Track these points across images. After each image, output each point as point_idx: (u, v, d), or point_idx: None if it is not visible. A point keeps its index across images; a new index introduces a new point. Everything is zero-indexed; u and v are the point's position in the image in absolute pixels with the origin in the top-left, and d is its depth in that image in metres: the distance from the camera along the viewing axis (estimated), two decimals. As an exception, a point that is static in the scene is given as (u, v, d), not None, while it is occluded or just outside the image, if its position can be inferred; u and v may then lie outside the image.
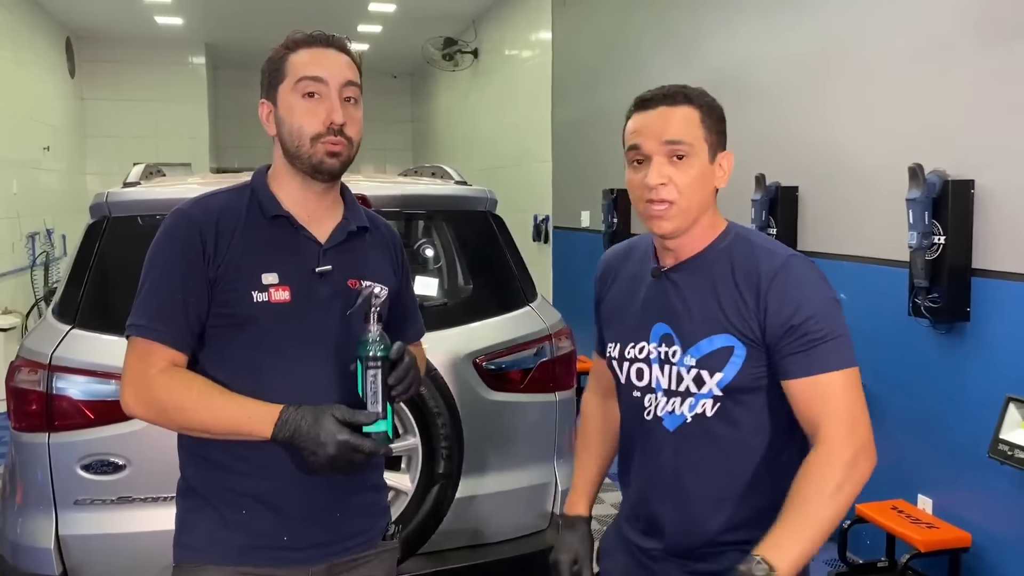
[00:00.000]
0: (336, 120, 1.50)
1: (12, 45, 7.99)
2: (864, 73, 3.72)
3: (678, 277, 1.50)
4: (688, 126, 1.43)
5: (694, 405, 1.46)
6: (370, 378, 1.45)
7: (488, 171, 9.28)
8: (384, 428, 1.46)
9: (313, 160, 1.51)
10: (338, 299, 1.55)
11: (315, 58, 1.53)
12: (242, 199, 1.57)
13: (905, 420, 3.54)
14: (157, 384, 1.46)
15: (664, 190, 1.41)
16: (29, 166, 8.32)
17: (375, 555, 1.64)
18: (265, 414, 1.43)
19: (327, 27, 1.58)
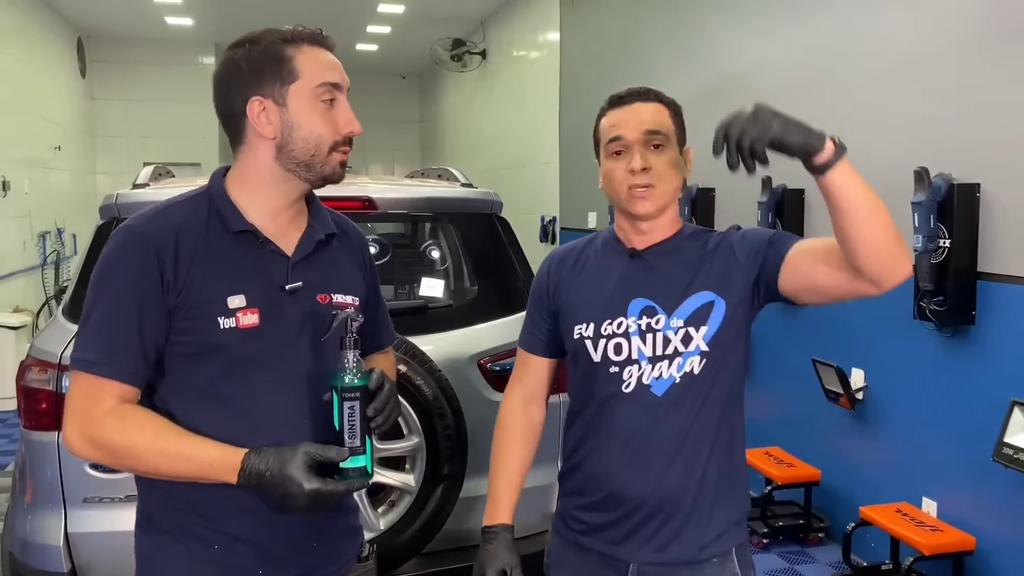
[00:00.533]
0: (356, 130, 1.44)
1: (24, 45, 8.05)
2: (870, 76, 3.72)
3: (652, 257, 1.61)
4: (662, 118, 1.60)
5: (682, 365, 1.56)
6: (347, 410, 1.36)
7: (495, 172, 9.29)
8: (363, 463, 1.37)
9: (326, 170, 1.42)
10: (310, 317, 1.44)
11: (329, 61, 1.44)
12: (201, 212, 1.42)
13: (910, 423, 3.54)
14: (105, 425, 1.32)
15: (646, 175, 1.55)
16: (40, 166, 8.38)
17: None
18: (227, 462, 1.32)
19: (337, 28, 1.55)
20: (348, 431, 1.36)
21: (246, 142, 1.43)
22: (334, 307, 1.45)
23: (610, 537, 1.60)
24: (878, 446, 3.73)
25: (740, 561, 1.60)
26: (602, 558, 1.60)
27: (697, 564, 1.56)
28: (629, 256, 1.62)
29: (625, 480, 1.57)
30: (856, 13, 3.81)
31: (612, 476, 1.58)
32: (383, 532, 2.32)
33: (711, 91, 5.01)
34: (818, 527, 3.99)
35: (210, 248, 1.38)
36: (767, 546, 3.95)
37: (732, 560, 1.59)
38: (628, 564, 1.58)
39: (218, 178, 1.46)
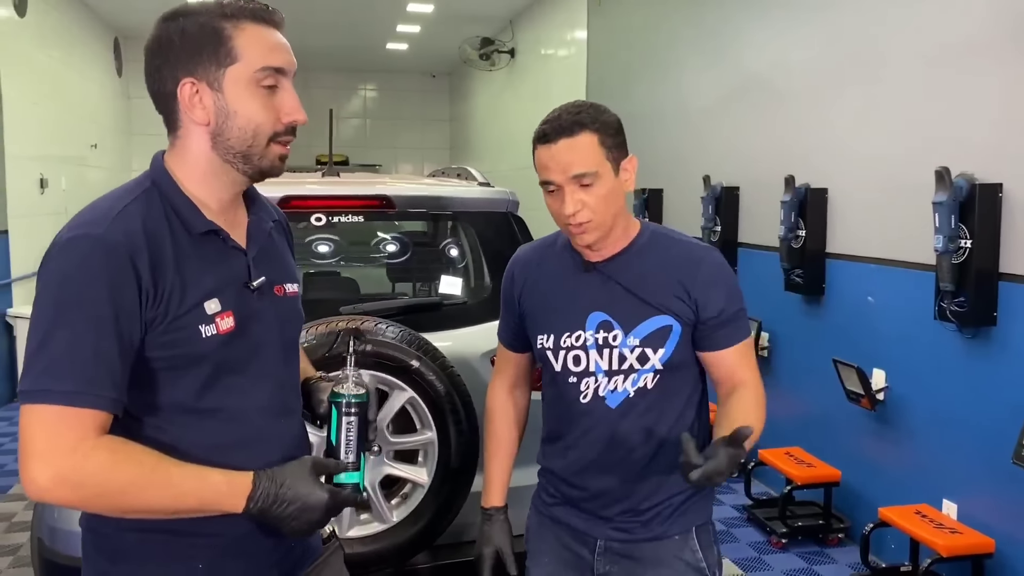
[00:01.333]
0: (300, 119, 1.30)
1: (63, 46, 8.23)
2: (894, 76, 3.70)
3: (609, 269, 1.66)
4: (589, 154, 1.56)
5: (636, 380, 1.64)
6: (345, 425, 1.33)
7: (523, 170, 9.29)
8: (356, 479, 1.33)
9: (263, 163, 1.29)
10: (275, 313, 1.36)
11: (274, 42, 1.28)
12: (157, 209, 1.26)
13: (930, 424, 3.51)
14: (92, 461, 1.13)
15: (580, 215, 1.57)
16: (77, 163, 8.56)
17: (323, 561, 1.48)
18: (236, 486, 1.21)
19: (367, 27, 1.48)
20: (345, 446, 1.33)
21: (182, 127, 1.29)
22: (288, 298, 1.40)
23: (579, 514, 1.72)
24: (899, 447, 3.71)
25: (700, 540, 1.71)
26: (573, 533, 1.73)
27: (659, 540, 1.69)
28: (585, 269, 1.67)
29: (585, 475, 1.69)
30: (880, 13, 3.79)
31: (574, 472, 1.70)
32: (395, 524, 2.36)
33: (736, 89, 5.00)
34: (838, 528, 3.97)
35: (178, 250, 1.24)
36: (786, 546, 3.94)
37: (692, 538, 1.70)
38: (596, 540, 1.70)
39: (162, 170, 1.29)
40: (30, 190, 7.11)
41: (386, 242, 3.31)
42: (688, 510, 1.70)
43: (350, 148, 12.70)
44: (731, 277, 1.70)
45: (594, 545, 1.70)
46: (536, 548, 1.80)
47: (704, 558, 1.71)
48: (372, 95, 13.40)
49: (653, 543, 1.68)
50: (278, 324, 1.37)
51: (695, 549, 1.70)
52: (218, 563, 1.31)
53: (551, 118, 1.59)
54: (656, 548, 1.69)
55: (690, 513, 1.71)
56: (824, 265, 4.15)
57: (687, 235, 1.76)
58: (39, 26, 7.41)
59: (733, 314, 1.65)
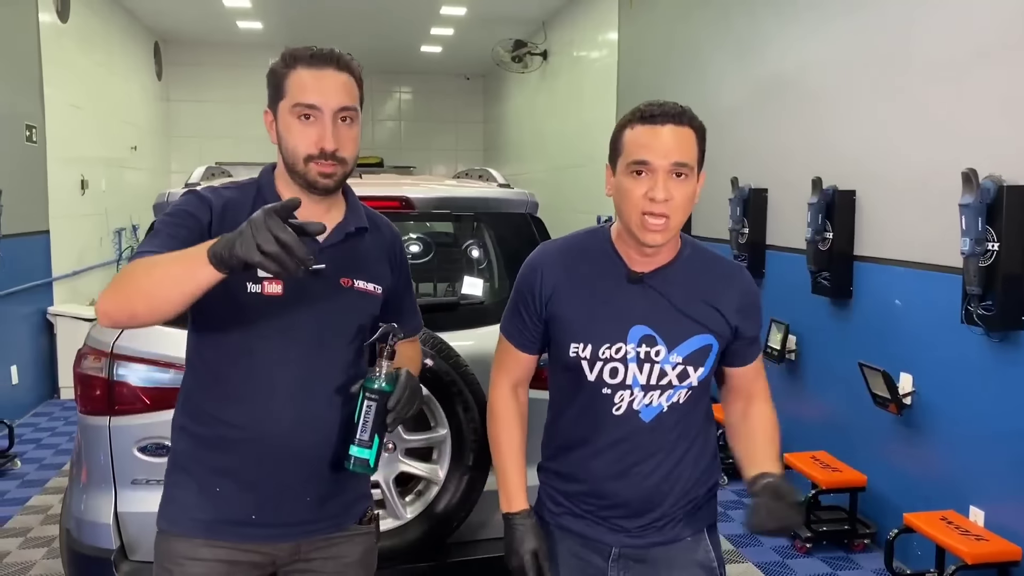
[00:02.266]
0: (327, 147, 1.56)
1: (105, 50, 8.42)
2: (921, 77, 3.65)
3: (656, 283, 1.62)
4: (691, 148, 1.55)
5: (672, 396, 1.63)
6: (365, 408, 1.57)
7: (556, 172, 9.33)
8: (367, 456, 1.57)
9: (308, 177, 1.58)
10: (329, 296, 1.62)
11: (313, 82, 1.57)
12: (248, 195, 1.65)
13: (957, 429, 3.46)
14: (120, 274, 1.46)
15: (666, 206, 1.52)
16: (117, 165, 8.74)
17: (346, 538, 1.71)
18: (201, 247, 1.38)
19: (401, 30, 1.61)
20: (362, 425, 1.57)
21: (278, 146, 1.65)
22: (355, 291, 1.64)
23: (592, 523, 1.69)
24: (925, 452, 3.66)
25: (711, 540, 1.74)
26: (585, 540, 1.69)
27: (673, 543, 1.70)
28: (629, 280, 1.61)
29: (608, 485, 1.66)
30: (907, 14, 3.75)
31: (596, 481, 1.68)
32: (409, 521, 2.39)
33: (764, 90, 4.97)
34: (864, 533, 3.93)
35: None
36: (810, 550, 3.91)
37: (704, 538, 1.72)
38: (611, 548, 1.68)
39: (268, 172, 1.69)
40: (71, 191, 7.28)
41: (409, 242, 3.34)
42: (699, 512, 1.72)
43: (385, 150, 12.80)
44: (757, 297, 1.74)
45: (608, 552, 1.68)
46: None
47: (715, 557, 1.73)
48: (407, 97, 13.50)
49: (667, 546, 1.69)
50: (331, 307, 1.62)
51: (708, 549, 1.72)
52: (231, 490, 1.61)
53: (655, 103, 1.56)
54: (669, 551, 1.69)
55: (701, 514, 1.72)
56: (851, 268, 4.11)
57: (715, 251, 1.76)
58: (81, 31, 7.59)
59: (757, 334, 1.74)
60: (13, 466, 5.01)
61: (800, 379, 4.56)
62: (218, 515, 1.61)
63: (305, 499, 1.64)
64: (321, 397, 1.62)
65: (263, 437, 1.59)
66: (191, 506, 1.63)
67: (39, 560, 3.80)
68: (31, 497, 4.57)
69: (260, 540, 1.63)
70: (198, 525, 1.62)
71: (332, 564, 1.69)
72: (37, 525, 4.19)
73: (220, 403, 1.61)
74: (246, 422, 1.60)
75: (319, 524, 1.67)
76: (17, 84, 6.27)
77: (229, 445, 1.60)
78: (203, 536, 1.61)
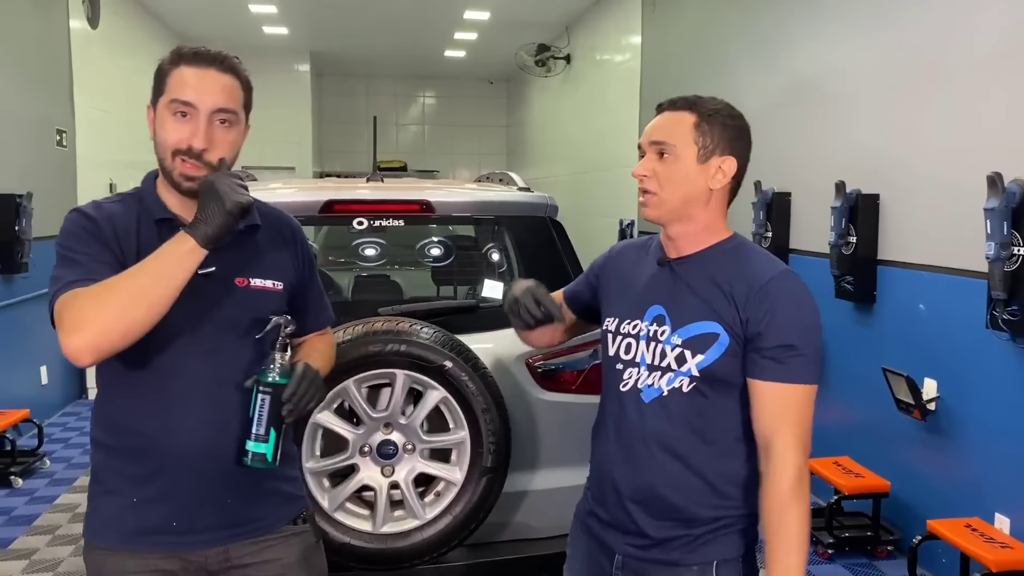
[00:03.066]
0: (196, 145, 1.54)
1: (132, 55, 8.53)
2: (946, 81, 3.62)
3: (680, 267, 1.64)
4: (678, 130, 1.59)
5: (672, 380, 1.59)
6: (259, 401, 1.56)
7: (579, 175, 9.34)
8: (263, 450, 1.56)
9: (173, 175, 1.57)
10: (224, 297, 1.60)
11: (193, 80, 1.57)
12: (131, 204, 1.63)
13: (982, 436, 3.43)
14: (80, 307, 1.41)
15: (647, 181, 1.60)
16: (144, 168, 8.75)
17: (279, 539, 1.67)
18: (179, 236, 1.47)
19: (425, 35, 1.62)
20: (257, 419, 1.56)
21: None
22: (251, 289, 1.63)
23: (603, 525, 1.69)
24: (950, 459, 3.62)
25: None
26: (599, 544, 1.70)
27: (675, 567, 1.59)
28: (659, 263, 1.67)
29: (615, 471, 1.65)
30: (932, 18, 3.72)
31: (605, 466, 1.68)
32: (428, 521, 2.41)
33: (787, 94, 4.95)
34: (887, 540, 3.89)
35: (140, 232, 1.58)
36: (832, 557, 3.88)
37: (711, 572, 1.57)
38: (615, 553, 1.66)
39: (150, 179, 1.67)
40: (100, 194, 7.34)
41: (430, 246, 3.36)
42: (710, 541, 1.58)
43: (409, 154, 12.88)
44: (800, 308, 1.53)
45: (613, 558, 1.66)
46: (571, 552, 1.79)
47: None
48: (431, 102, 13.57)
49: (669, 568, 1.59)
50: (227, 308, 1.60)
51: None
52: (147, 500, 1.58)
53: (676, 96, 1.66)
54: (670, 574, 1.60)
55: (712, 545, 1.58)
56: (875, 272, 4.08)
57: (774, 257, 1.66)
58: (110, 37, 7.71)
59: (785, 346, 1.49)
60: (42, 465, 5.09)
61: (823, 384, 4.50)
62: (138, 525, 1.59)
63: (226, 501, 1.62)
64: (226, 399, 1.60)
65: (173, 443, 1.57)
66: (111, 517, 1.61)
67: (66, 558, 3.85)
68: (59, 495, 4.64)
69: (184, 548, 1.60)
70: (120, 536, 1.60)
71: (270, 567, 1.66)
72: (65, 523, 4.25)
73: (128, 413, 1.60)
74: (154, 430, 1.57)
75: (244, 527, 1.64)
76: (49, 90, 6.38)
77: (141, 454, 1.58)
78: (127, 547, 1.59)
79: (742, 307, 1.53)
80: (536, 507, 2.64)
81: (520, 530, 2.65)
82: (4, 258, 5.37)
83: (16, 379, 5.66)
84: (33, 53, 6.11)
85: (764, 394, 1.52)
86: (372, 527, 2.42)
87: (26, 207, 5.44)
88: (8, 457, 4.90)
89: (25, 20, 5.97)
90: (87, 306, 1.41)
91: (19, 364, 5.73)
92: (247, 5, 9.00)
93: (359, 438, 2.45)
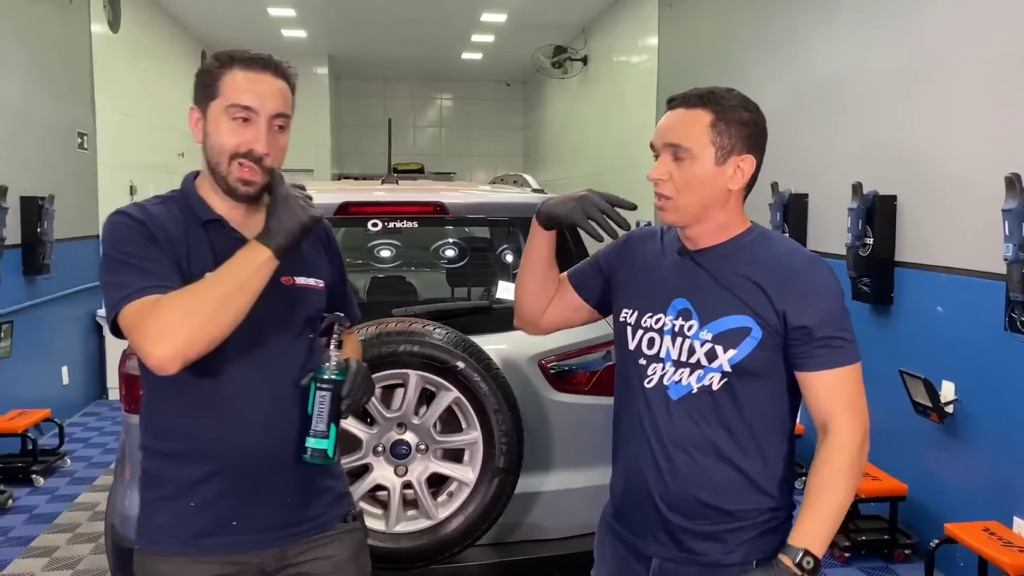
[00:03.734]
0: (257, 150, 1.54)
1: (153, 59, 8.63)
2: (963, 81, 3.60)
3: (702, 259, 1.59)
4: (693, 131, 1.53)
5: (702, 377, 1.55)
6: (319, 398, 1.58)
7: (596, 177, 9.33)
8: (324, 446, 1.58)
9: (229, 180, 1.56)
10: (273, 297, 1.56)
11: (249, 84, 1.55)
12: (174, 206, 1.61)
13: (1000, 439, 3.40)
14: (166, 315, 1.40)
15: (663, 185, 1.55)
16: (165, 171, 8.94)
17: (333, 536, 1.69)
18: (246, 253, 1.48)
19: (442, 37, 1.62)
20: (317, 416, 1.58)
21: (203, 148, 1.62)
22: (297, 288, 1.64)
23: (635, 529, 1.64)
24: (968, 462, 3.59)
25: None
26: (630, 549, 1.65)
27: (714, 568, 1.57)
28: (679, 254, 1.62)
29: (646, 474, 1.60)
30: (948, 18, 3.70)
31: (635, 469, 1.62)
32: (441, 521, 2.42)
33: (804, 95, 4.93)
34: (904, 543, 3.87)
35: (187, 233, 1.57)
36: (849, 560, 3.86)
37: (751, 571, 1.54)
38: (651, 559, 1.61)
39: (190, 180, 1.66)
40: (120, 197, 7.46)
41: (445, 247, 3.38)
42: (748, 540, 1.56)
43: (426, 157, 12.92)
44: (834, 294, 1.55)
45: (649, 564, 1.61)
46: (600, 556, 1.75)
47: None
48: (448, 104, 13.61)
49: (709, 570, 1.57)
50: (276, 306, 1.59)
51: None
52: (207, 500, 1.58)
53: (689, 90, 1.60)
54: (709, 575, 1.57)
55: (751, 544, 1.56)
56: (892, 274, 4.06)
57: (796, 242, 1.68)
58: (131, 41, 7.79)
59: (829, 335, 1.51)
60: (63, 464, 5.16)
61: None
62: (198, 529, 1.58)
63: (285, 500, 1.63)
64: (280, 396, 1.61)
65: (230, 444, 1.57)
66: (169, 523, 1.59)
67: (86, 555, 3.90)
68: (79, 494, 4.70)
69: (244, 549, 1.60)
70: (180, 542, 1.59)
71: (323, 565, 1.67)
72: (85, 521, 4.30)
73: (182, 417, 1.59)
74: (210, 432, 1.57)
75: (302, 525, 1.65)
76: (70, 93, 6.46)
77: (198, 457, 1.58)
78: (187, 553, 1.58)
79: (777, 299, 1.51)
80: (549, 508, 2.65)
81: (532, 531, 2.66)
82: (27, 259, 5.44)
83: (38, 379, 5.73)
84: (55, 56, 6.19)
85: (819, 383, 1.52)
86: (385, 526, 2.44)
87: (48, 209, 5.51)
88: (30, 456, 4.96)
89: (47, 24, 6.05)
90: (173, 315, 1.40)
91: (41, 364, 5.81)
92: (266, 8, 9.07)
93: (372, 438, 2.46)
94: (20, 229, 5.34)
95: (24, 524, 4.28)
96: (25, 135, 5.60)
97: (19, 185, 5.28)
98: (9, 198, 5.00)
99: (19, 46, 5.57)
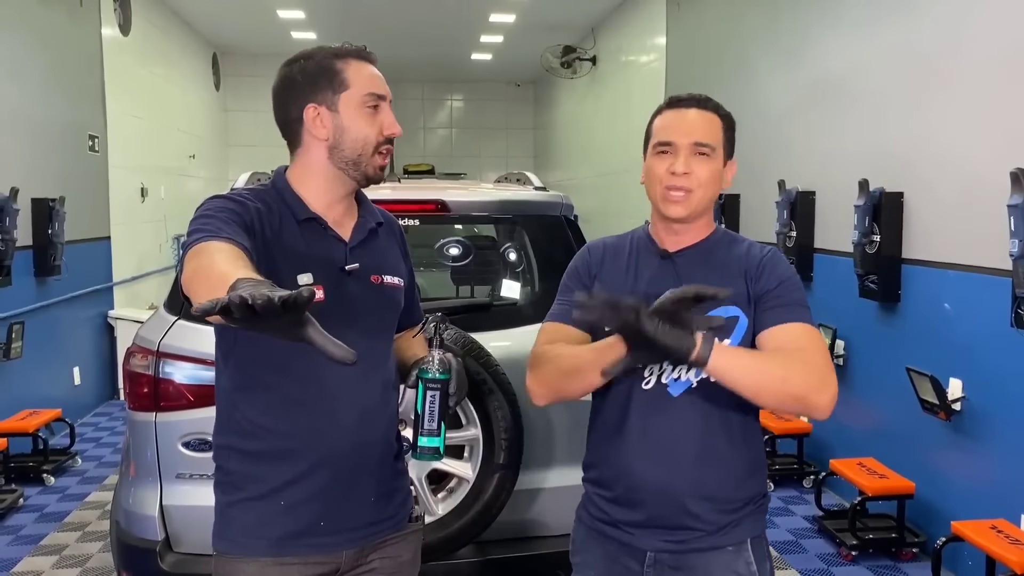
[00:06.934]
0: (396, 132, 1.61)
1: (165, 62, 8.69)
2: (968, 77, 3.58)
3: (683, 259, 1.66)
4: (714, 130, 1.66)
5: (700, 371, 1.54)
6: (429, 398, 1.62)
7: (606, 177, 9.32)
8: (436, 443, 1.63)
9: (369, 169, 1.60)
10: (365, 295, 1.62)
11: (372, 73, 1.62)
12: (269, 201, 1.59)
13: (1008, 436, 3.38)
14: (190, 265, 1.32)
15: (686, 179, 1.61)
16: (176, 173, 9.01)
17: (402, 536, 1.71)
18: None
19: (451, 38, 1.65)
20: (428, 416, 1.62)
21: (302, 145, 1.63)
22: (385, 286, 1.66)
23: (629, 528, 1.65)
24: (975, 460, 3.57)
25: (755, 552, 1.64)
26: (621, 546, 1.66)
27: (712, 551, 1.62)
28: (660, 257, 1.67)
29: (642, 474, 1.62)
30: (954, 14, 3.68)
31: (630, 470, 1.63)
32: (441, 518, 2.43)
33: (811, 93, 4.92)
34: (912, 542, 3.85)
35: (283, 229, 1.57)
36: (856, 559, 3.84)
37: (747, 550, 1.63)
38: (645, 552, 1.63)
39: (281, 175, 1.66)
40: (131, 199, 7.52)
41: (448, 245, 3.39)
42: (743, 521, 1.64)
43: (436, 158, 12.94)
44: (789, 269, 1.67)
45: (643, 558, 1.63)
46: (583, 561, 1.74)
47: (758, 571, 1.64)
48: (458, 105, 13.62)
49: (706, 554, 1.62)
50: (368, 305, 1.63)
51: (749, 561, 1.63)
52: (297, 501, 1.57)
53: (682, 94, 1.69)
54: (708, 559, 1.62)
55: (745, 524, 1.64)
56: (899, 271, 4.04)
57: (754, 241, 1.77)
58: (142, 44, 7.85)
59: (789, 300, 1.59)
60: (73, 463, 5.20)
61: (847, 384, 4.48)
62: (287, 529, 1.58)
63: (370, 499, 1.64)
64: (371, 394, 1.62)
65: (322, 442, 1.57)
66: (255, 525, 1.58)
67: (95, 553, 3.93)
68: (89, 493, 4.74)
69: (331, 548, 1.60)
70: (266, 544, 1.58)
71: (389, 564, 1.68)
72: (94, 520, 4.34)
73: (274, 414, 1.57)
74: (307, 429, 1.57)
75: (381, 525, 1.67)
76: (81, 96, 6.51)
77: (289, 456, 1.57)
78: (272, 554, 1.57)
79: (752, 282, 1.63)
80: (549, 504, 2.65)
81: (532, 527, 2.66)
82: (38, 261, 5.49)
83: (49, 379, 5.78)
84: (66, 59, 6.24)
85: (781, 331, 1.57)
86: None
87: (59, 211, 5.56)
88: (41, 455, 5.01)
89: (58, 27, 6.11)
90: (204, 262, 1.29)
91: (52, 365, 5.86)
92: (275, 11, 9.11)
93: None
94: (31, 231, 5.39)
95: (35, 523, 4.32)
96: (36, 137, 5.65)
97: (30, 187, 5.34)
98: (20, 200, 5.05)
99: (30, 50, 5.63)
